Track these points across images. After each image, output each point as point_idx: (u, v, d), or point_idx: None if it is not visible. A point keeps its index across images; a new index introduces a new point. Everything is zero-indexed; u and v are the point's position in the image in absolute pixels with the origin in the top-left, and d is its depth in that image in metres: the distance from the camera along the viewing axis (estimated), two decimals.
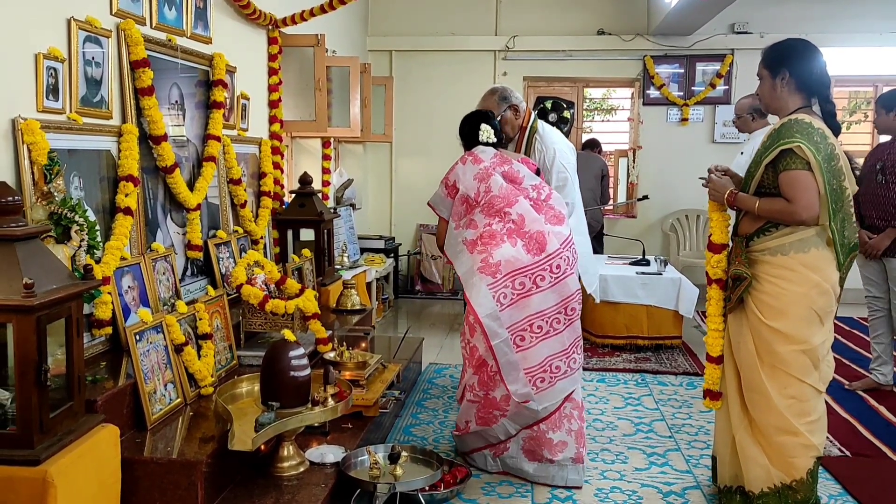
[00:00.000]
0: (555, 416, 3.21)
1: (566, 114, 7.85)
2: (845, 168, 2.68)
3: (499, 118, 3.76)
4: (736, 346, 2.85)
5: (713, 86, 7.63)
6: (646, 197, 7.18)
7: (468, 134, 3.52)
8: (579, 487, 3.19)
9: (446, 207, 3.41)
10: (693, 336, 5.89)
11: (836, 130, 2.73)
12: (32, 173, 2.61)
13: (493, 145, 3.47)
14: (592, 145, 7.13)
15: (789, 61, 2.76)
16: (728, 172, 2.97)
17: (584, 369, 4.94)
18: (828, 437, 3.78)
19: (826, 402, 3.05)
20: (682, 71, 7.70)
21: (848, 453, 3.61)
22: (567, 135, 7.87)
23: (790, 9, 7.43)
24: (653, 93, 7.73)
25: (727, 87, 7.63)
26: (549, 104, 7.79)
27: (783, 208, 2.66)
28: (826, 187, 2.61)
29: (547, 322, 3.13)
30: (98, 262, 2.83)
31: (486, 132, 3.47)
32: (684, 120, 7.71)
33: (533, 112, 3.89)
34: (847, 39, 7.40)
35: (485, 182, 3.28)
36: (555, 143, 3.77)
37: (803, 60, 2.76)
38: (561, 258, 3.15)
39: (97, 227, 2.83)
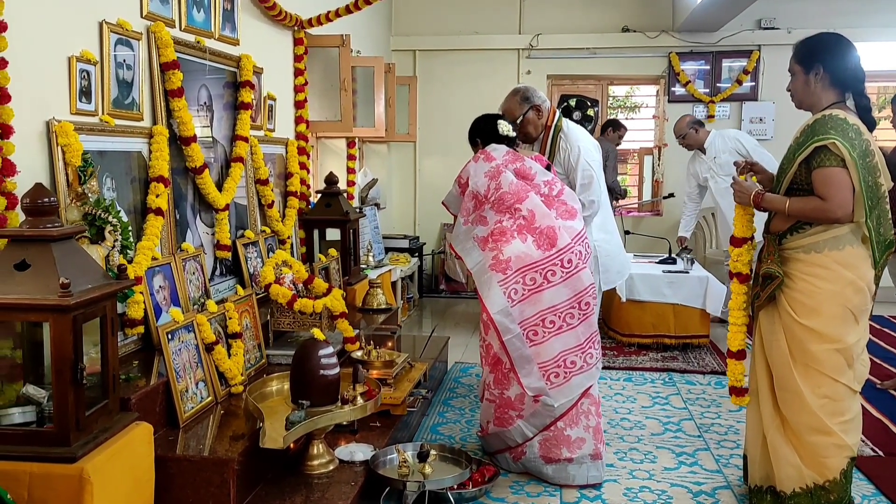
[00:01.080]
0: (572, 413, 3.20)
1: (590, 112, 7.83)
2: (881, 164, 2.63)
3: (521, 119, 3.75)
4: (768, 344, 2.81)
5: (740, 82, 7.55)
6: (671, 195, 7.14)
7: (488, 131, 3.50)
8: (599, 484, 3.19)
9: (457, 204, 3.39)
10: (720, 335, 5.83)
11: (872, 125, 2.68)
12: (67, 175, 2.65)
13: (510, 141, 3.47)
14: (604, 127, 7.01)
15: (823, 56, 2.70)
16: (755, 167, 2.93)
17: (611, 368, 4.94)
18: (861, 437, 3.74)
19: None
20: (708, 67, 7.63)
21: (881, 453, 3.56)
22: (591, 133, 7.87)
23: (818, 3, 7.33)
24: (678, 90, 7.67)
25: (754, 83, 7.55)
26: (573, 102, 7.77)
27: (817, 206, 2.60)
28: (861, 184, 2.55)
29: (559, 317, 3.09)
30: (130, 262, 2.87)
31: (506, 126, 3.48)
32: (710, 117, 7.63)
33: (557, 110, 3.87)
34: (876, 34, 7.28)
35: (495, 179, 3.26)
36: (579, 141, 3.75)
37: (837, 55, 2.70)
38: (572, 253, 3.12)
39: (130, 228, 2.86)
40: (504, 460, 3.33)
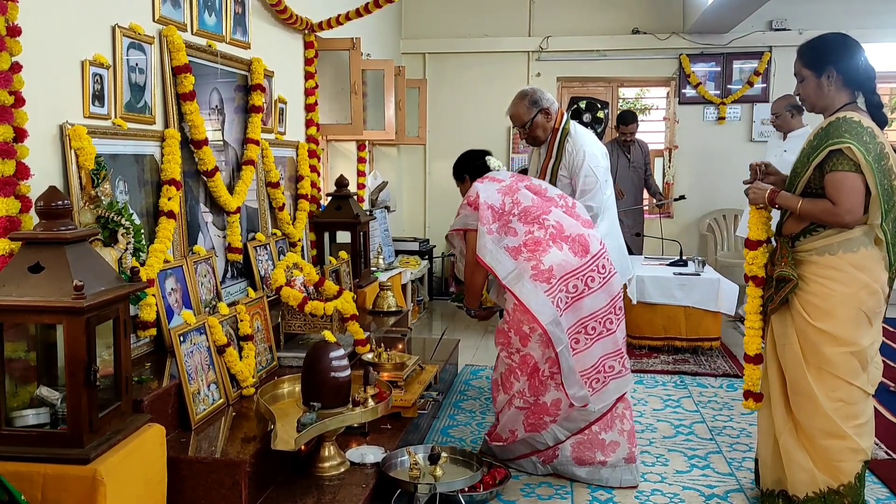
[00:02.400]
0: (607, 417, 3.21)
1: (600, 114, 7.81)
2: (895, 166, 2.61)
3: (530, 123, 3.74)
4: (781, 348, 2.80)
5: (751, 84, 7.51)
6: (682, 197, 7.10)
7: (478, 167, 3.51)
8: (635, 486, 3.18)
9: (474, 219, 3.27)
10: (732, 337, 5.81)
11: (883, 123, 2.66)
12: (80, 178, 2.67)
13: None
14: (618, 121, 6.84)
15: (834, 58, 2.68)
16: (769, 169, 2.92)
17: None
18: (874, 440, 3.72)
19: None
20: (719, 69, 7.60)
21: (895, 456, 3.53)
22: (601, 135, 7.86)
23: (829, 4, 7.30)
24: (689, 92, 7.64)
25: (765, 84, 7.52)
26: (583, 104, 7.76)
27: (826, 209, 2.59)
28: (878, 188, 2.53)
29: (600, 323, 3.13)
30: (143, 264, 2.88)
31: (495, 162, 3.52)
32: (721, 119, 7.61)
33: (566, 113, 3.85)
34: (888, 35, 7.23)
35: (510, 195, 3.27)
36: (585, 146, 3.71)
37: (848, 55, 2.69)
38: (604, 258, 3.17)
39: (142, 231, 2.88)
40: (531, 464, 3.31)
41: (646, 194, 7.01)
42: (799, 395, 2.73)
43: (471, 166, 3.55)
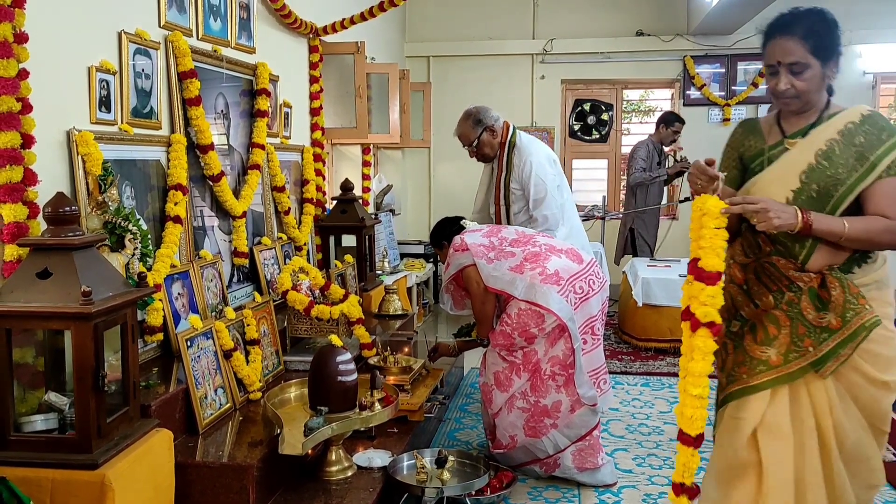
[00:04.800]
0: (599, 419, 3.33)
1: (604, 116, 7.82)
2: None
3: (476, 142, 3.82)
4: (823, 418, 2.09)
5: (755, 85, 7.51)
6: (688, 199, 7.09)
7: (455, 232, 3.56)
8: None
9: (467, 257, 3.33)
10: None
11: None
12: (87, 184, 2.68)
13: None
14: (657, 123, 6.62)
15: (839, 40, 2.11)
16: (709, 171, 2.02)
17: (628, 373, 4.94)
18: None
19: None
20: (724, 70, 7.60)
21: None
22: (605, 137, 7.86)
23: (833, 6, 7.11)
24: (693, 93, 7.65)
25: None
26: (587, 107, 7.77)
27: (889, 227, 2.00)
28: None
29: (600, 325, 3.32)
30: (149, 269, 2.89)
31: (471, 225, 3.61)
32: (726, 120, 7.61)
33: (511, 125, 3.87)
34: (893, 35, 7.19)
35: (494, 236, 3.41)
36: (531, 156, 3.75)
37: (839, 32, 2.14)
38: (597, 266, 3.37)
39: (149, 236, 2.89)
40: (532, 472, 3.33)
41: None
42: (858, 463, 2.12)
43: (449, 232, 3.61)
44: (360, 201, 4.95)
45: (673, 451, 3.59)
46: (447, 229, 3.63)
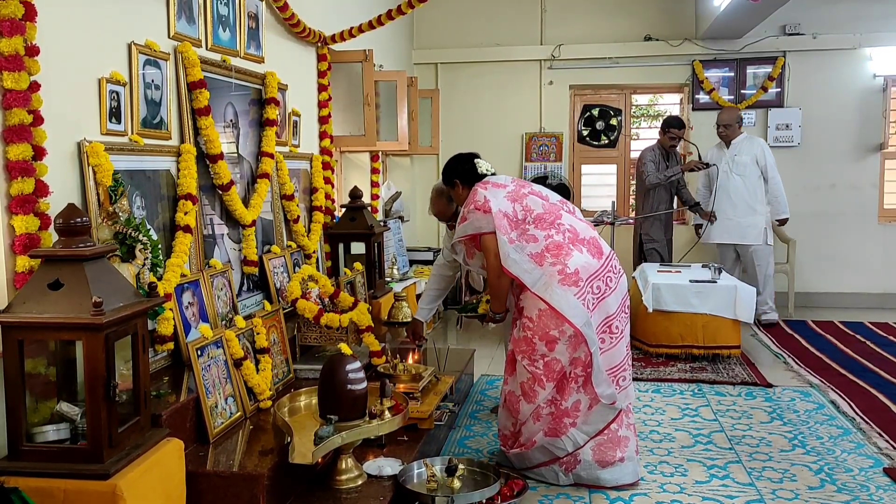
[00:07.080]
0: (621, 414, 3.28)
1: (613, 121, 7.80)
2: None
3: (453, 214, 3.86)
4: None
5: (765, 89, 7.48)
6: (697, 203, 7.06)
7: (468, 171, 3.53)
8: (636, 483, 3.28)
9: (488, 223, 3.25)
10: (752, 345, 5.76)
11: None
12: (98, 194, 2.70)
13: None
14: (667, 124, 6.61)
15: None
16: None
17: (639, 379, 4.91)
18: (889, 443, 3.67)
19: (881, 401, 2.80)
20: (733, 75, 7.57)
21: None
22: (614, 143, 7.84)
23: (843, 9, 7.25)
24: (702, 98, 7.62)
25: (779, 89, 7.48)
26: (595, 112, 7.76)
27: None
28: None
29: (622, 321, 3.26)
30: (160, 279, 2.90)
31: (485, 164, 3.54)
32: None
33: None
34: None
35: (519, 202, 3.30)
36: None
37: None
38: (615, 258, 3.32)
39: (159, 246, 2.90)
40: (552, 473, 3.30)
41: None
42: None
43: (460, 170, 3.56)
44: (369, 209, 4.97)
45: (685, 458, 3.58)
46: (459, 167, 3.55)
